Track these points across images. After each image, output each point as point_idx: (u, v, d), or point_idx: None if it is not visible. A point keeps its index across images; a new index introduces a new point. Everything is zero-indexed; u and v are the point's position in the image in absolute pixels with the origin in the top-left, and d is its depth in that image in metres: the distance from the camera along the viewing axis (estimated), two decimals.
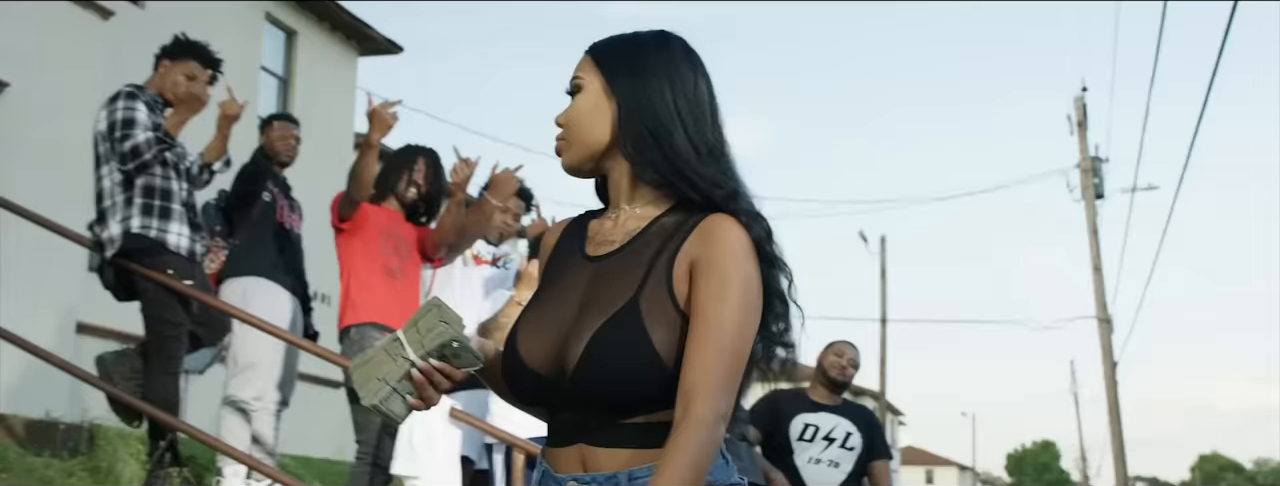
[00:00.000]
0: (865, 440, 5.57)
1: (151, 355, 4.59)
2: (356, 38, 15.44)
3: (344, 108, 15.39)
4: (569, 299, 1.68)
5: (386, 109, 4.71)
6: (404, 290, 4.88)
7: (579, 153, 1.73)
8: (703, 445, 1.53)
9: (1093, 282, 20.30)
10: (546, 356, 1.65)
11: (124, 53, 10.70)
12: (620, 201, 1.74)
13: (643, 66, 1.72)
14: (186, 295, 4.54)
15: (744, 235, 1.63)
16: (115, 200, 4.62)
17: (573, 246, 1.76)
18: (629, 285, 1.64)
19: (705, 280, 1.61)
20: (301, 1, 14.34)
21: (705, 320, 1.58)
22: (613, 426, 1.61)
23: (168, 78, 4.81)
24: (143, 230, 4.56)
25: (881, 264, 29.15)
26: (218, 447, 4.65)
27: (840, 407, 5.67)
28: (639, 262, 1.66)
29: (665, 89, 1.69)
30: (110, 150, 4.66)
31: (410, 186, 5.05)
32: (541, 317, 1.69)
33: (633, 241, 1.69)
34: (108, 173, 4.67)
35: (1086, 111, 21.11)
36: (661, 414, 1.59)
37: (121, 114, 4.63)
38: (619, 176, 1.73)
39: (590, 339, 1.60)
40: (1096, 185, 20.57)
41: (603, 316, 1.61)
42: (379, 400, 1.61)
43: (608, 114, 1.70)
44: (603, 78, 1.71)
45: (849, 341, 5.75)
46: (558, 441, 1.67)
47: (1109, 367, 19.98)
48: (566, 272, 1.73)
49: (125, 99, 4.68)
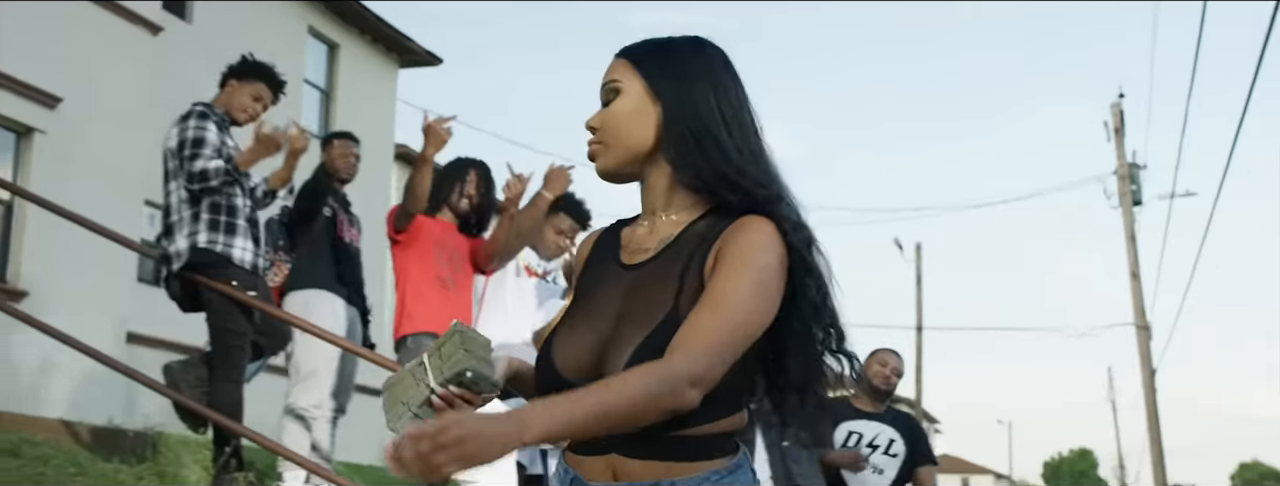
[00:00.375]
0: (909, 446, 5.66)
1: (216, 364, 4.75)
2: (397, 50, 15.67)
3: (384, 119, 15.60)
4: (605, 309, 1.66)
5: (441, 124, 4.85)
6: (457, 300, 5.01)
7: (619, 156, 1.70)
8: (653, 387, 1.46)
9: (1131, 289, 20.20)
10: (583, 366, 1.62)
11: (172, 66, 10.94)
12: (656, 207, 1.72)
13: (684, 70, 1.70)
14: (250, 306, 4.69)
15: (773, 232, 1.61)
16: (182, 215, 4.77)
17: (607, 255, 1.74)
18: (666, 295, 1.61)
19: (720, 265, 1.59)
20: (344, 15, 14.56)
21: (709, 293, 1.56)
22: (648, 438, 1.55)
23: (235, 97, 4.97)
24: (209, 245, 4.72)
25: (917, 271, 29.07)
26: (280, 452, 4.79)
27: (883, 415, 5.77)
28: (673, 271, 1.63)
29: (708, 93, 1.67)
30: (179, 167, 4.81)
31: (463, 198, 5.18)
32: (577, 328, 1.67)
33: (667, 248, 1.67)
34: (175, 188, 4.82)
35: (1124, 118, 21.05)
36: (700, 427, 1.57)
37: (192, 133, 4.78)
38: (657, 181, 1.71)
39: (634, 351, 1.57)
40: (1134, 191, 20.49)
41: (645, 328, 1.59)
42: (399, 425, 1.61)
43: (650, 118, 1.68)
44: (644, 81, 1.69)
45: (892, 349, 5.85)
46: (587, 450, 1.63)
47: (1147, 375, 19.87)
48: (602, 282, 1.71)
49: (196, 118, 4.83)
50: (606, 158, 1.70)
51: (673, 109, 1.67)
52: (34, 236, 9.09)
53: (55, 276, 8.99)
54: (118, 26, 10.11)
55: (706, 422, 1.57)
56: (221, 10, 12.68)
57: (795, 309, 1.62)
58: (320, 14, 14.34)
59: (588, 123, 1.72)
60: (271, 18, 13.46)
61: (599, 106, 1.74)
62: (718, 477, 1.58)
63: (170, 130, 4.93)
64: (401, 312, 4.94)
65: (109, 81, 9.92)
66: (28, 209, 8.94)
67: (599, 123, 1.71)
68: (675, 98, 1.68)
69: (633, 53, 1.73)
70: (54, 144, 9.35)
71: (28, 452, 4.27)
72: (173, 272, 4.80)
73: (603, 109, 1.71)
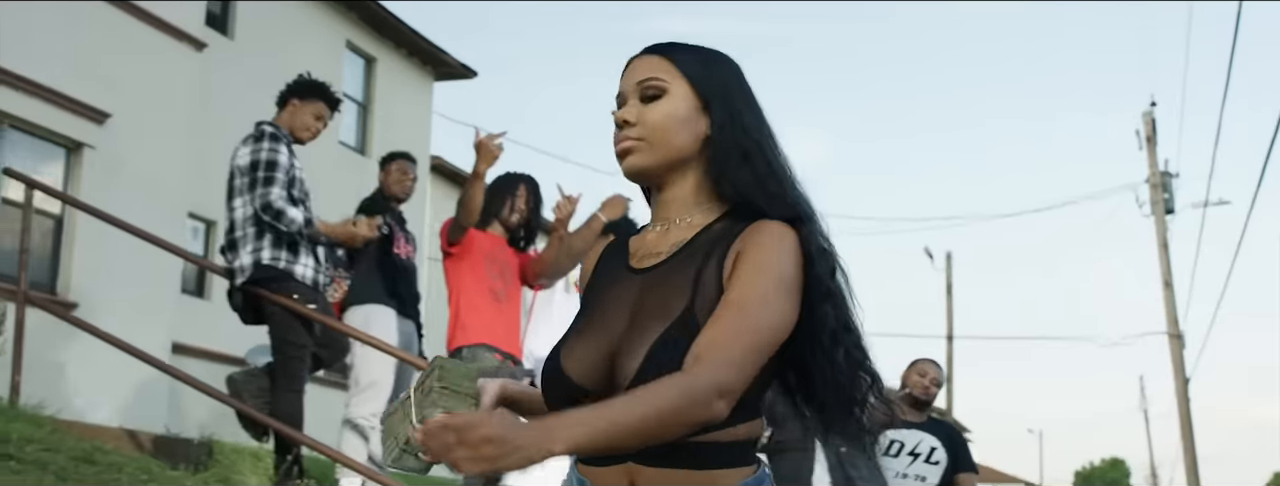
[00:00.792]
0: (949, 454, 5.74)
1: (277, 375, 4.90)
2: (432, 63, 15.86)
3: (420, 131, 15.79)
4: (616, 314, 1.63)
5: (492, 141, 4.99)
6: (508, 312, 5.14)
7: (660, 158, 1.67)
8: (680, 400, 1.41)
9: (1163, 298, 20.17)
10: (594, 370, 1.59)
11: (214, 81, 11.16)
12: (672, 214, 1.70)
13: (726, 83, 1.70)
14: (311, 319, 4.84)
15: (795, 241, 1.59)
16: (247, 232, 4.92)
17: (615, 264, 1.72)
18: (681, 293, 1.59)
19: (739, 268, 1.57)
20: (380, 29, 14.76)
21: (727, 299, 1.54)
22: (668, 446, 1.48)
23: (298, 116, 5.12)
24: (272, 262, 4.87)
25: (947, 280, 29.06)
26: (340, 460, 4.94)
27: (924, 424, 5.86)
28: (689, 271, 1.61)
29: (746, 109, 1.69)
30: (247, 185, 4.94)
31: (513, 212, 5.31)
32: (586, 334, 1.64)
33: (681, 251, 1.65)
34: (241, 205, 4.96)
35: (1156, 126, 21.04)
36: (719, 433, 1.52)
37: (266, 155, 4.93)
38: (680, 188, 1.69)
39: (649, 349, 1.54)
40: (1166, 200, 20.47)
41: (660, 326, 1.56)
42: (392, 460, 1.63)
43: (697, 127, 1.67)
44: (690, 87, 1.68)
45: (932, 360, 5.95)
46: (602, 460, 1.59)
47: (1181, 384, 19.83)
48: (611, 289, 1.68)
49: (270, 141, 4.98)
50: (647, 156, 1.67)
51: (721, 123, 1.67)
52: (83, 249, 9.29)
53: (104, 288, 9.18)
54: (164, 43, 10.33)
55: (726, 428, 1.52)
56: (262, 26, 12.90)
57: (814, 333, 1.60)
58: (358, 28, 14.54)
59: (624, 116, 1.68)
60: (310, 33, 13.68)
61: (612, 100, 1.72)
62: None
63: (240, 149, 5.06)
64: (455, 324, 5.06)
65: (155, 97, 10.14)
66: (78, 222, 9.15)
67: (638, 119, 1.67)
68: (723, 111, 1.68)
69: (674, 55, 1.70)
70: (102, 159, 9.56)
71: (101, 460, 4.42)
72: (236, 286, 4.94)
73: (643, 105, 1.68)
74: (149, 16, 10.12)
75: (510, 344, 5.05)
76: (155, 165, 10.01)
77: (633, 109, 1.68)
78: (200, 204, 11.24)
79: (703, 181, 1.69)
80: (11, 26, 8.84)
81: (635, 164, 1.67)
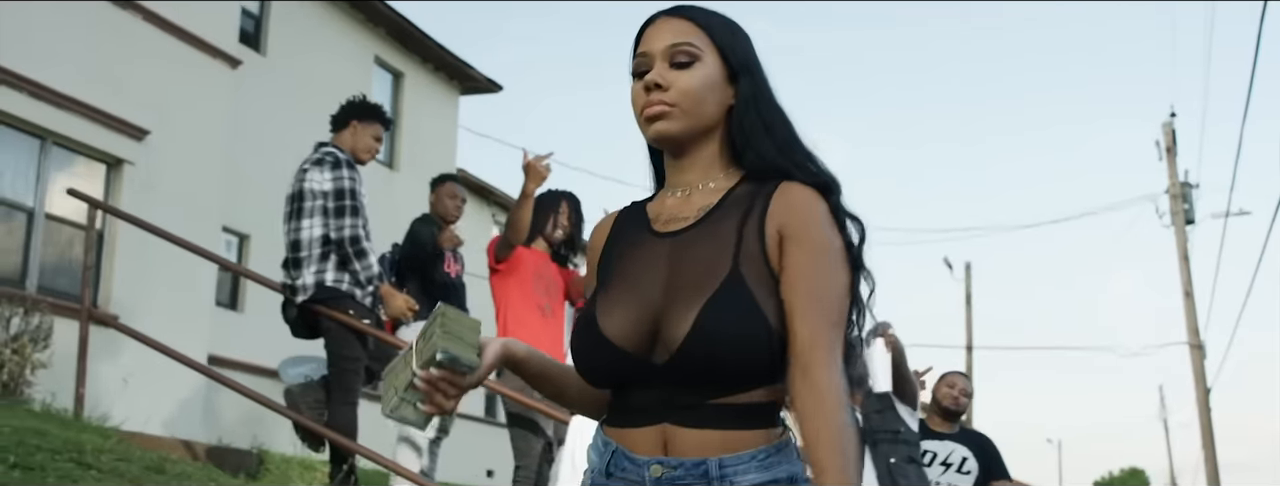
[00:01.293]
0: (982, 464, 5.89)
1: (333, 387, 5.08)
2: (458, 78, 16.06)
3: (446, 145, 15.99)
4: (648, 277, 1.64)
5: (540, 162, 5.14)
6: (554, 327, 5.29)
7: (690, 125, 1.68)
8: (850, 428, 1.53)
9: (1184, 308, 20.22)
10: (635, 333, 1.60)
11: (246, 96, 11.37)
12: (692, 179, 1.72)
13: (749, 54, 1.74)
14: (365, 334, 5.02)
15: (824, 203, 1.64)
16: (313, 252, 5.08)
17: (635, 229, 1.73)
18: (722, 256, 1.61)
19: (793, 249, 1.60)
20: (407, 44, 14.97)
21: (801, 289, 1.58)
22: (703, 406, 1.57)
23: (359, 138, 5.29)
24: (335, 284, 5.06)
25: (966, 290, 29.09)
26: (395, 469, 5.11)
27: (956, 434, 6.01)
28: (725, 233, 1.63)
29: (767, 80, 1.73)
30: (333, 212, 5.09)
31: (556, 228, 5.47)
32: (619, 298, 1.64)
33: (709, 214, 1.67)
34: (309, 226, 5.10)
35: (1175, 137, 21.11)
36: (755, 392, 1.58)
37: (348, 184, 5.11)
38: (703, 154, 1.71)
39: (701, 311, 1.56)
40: (1187, 211, 20.53)
41: (706, 289, 1.58)
42: (390, 409, 1.63)
43: (724, 95, 1.70)
44: (719, 56, 1.70)
45: (960, 372, 6.14)
46: (633, 421, 1.62)
47: (1202, 393, 19.85)
48: (636, 252, 1.69)
49: (347, 169, 5.15)
50: (678, 122, 1.68)
51: (749, 94, 1.70)
52: (123, 263, 9.49)
53: (143, 300, 9.37)
54: (201, 61, 10.55)
55: (753, 389, 1.58)
56: (293, 43, 13.12)
57: None
58: (386, 44, 14.76)
59: (655, 79, 1.68)
60: (340, 49, 13.90)
61: (632, 66, 1.73)
62: (764, 456, 1.59)
63: (315, 173, 5.18)
64: None
65: (192, 113, 10.35)
66: (118, 236, 9.35)
67: (670, 83, 1.68)
68: (750, 82, 1.71)
69: (704, 21, 1.72)
70: (142, 174, 9.77)
71: (170, 469, 4.59)
72: (294, 303, 5.11)
73: (675, 70, 1.69)
74: (187, 35, 10.34)
75: (556, 358, 5.19)
76: (192, 180, 10.22)
77: (664, 72, 1.69)
78: (233, 217, 11.45)
79: (723, 147, 1.72)
80: (56, 46, 9.06)
81: (665, 130, 1.68)
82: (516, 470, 5.16)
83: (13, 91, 8.71)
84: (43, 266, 9.17)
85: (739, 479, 1.56)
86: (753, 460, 1.57)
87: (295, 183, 5.23)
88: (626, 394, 1.64)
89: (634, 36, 1.75)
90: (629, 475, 1.61)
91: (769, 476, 1.58)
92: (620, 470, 1.62)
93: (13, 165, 9.07)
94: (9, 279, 8.76)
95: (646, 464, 1.59)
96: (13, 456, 3.75)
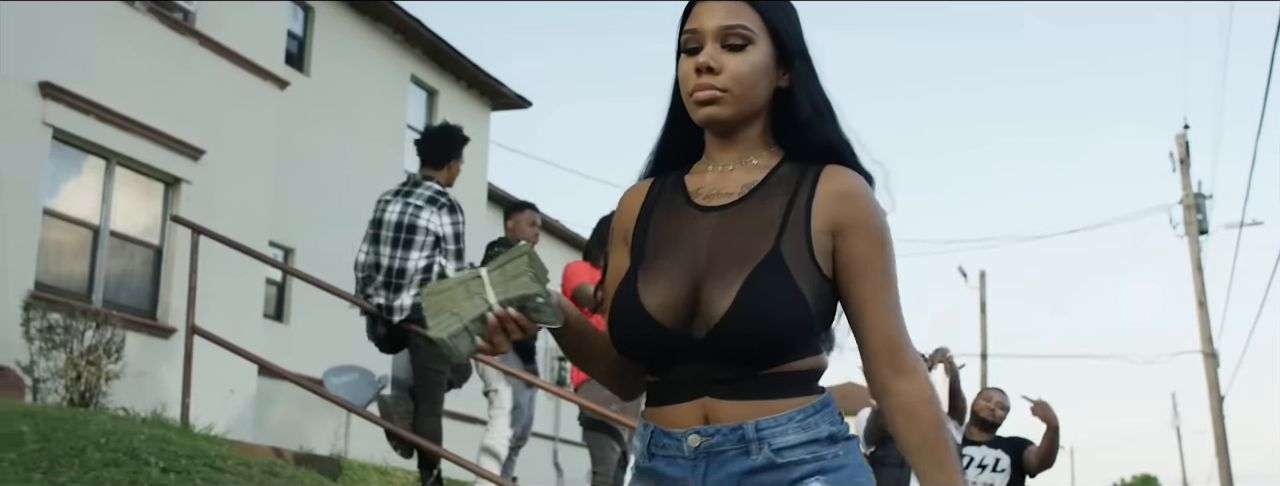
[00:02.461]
0: (1013, 459, 6.37)
1: (420, 398, 5.47)
2: (490, 94, 16.48)
3: (478, 160, 16.39)
4: (690, 250, 1.63)
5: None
6: None
7: (741, 110, 1.67)
8: (944, 419, 1.62)
9: (1197, 317, 20.47)
10: (675, 306, 1.59)
11: (290, 114, 11.79)
12: (736, 155, 1.70)
13: (801, 40, 1.72)
14: None
15: (871, 191, 1.67)
16: (414, 280, 5.42)
17: (672, 201, 1.71)
18: (766, 235, 1.61)
19: (856, 243, 1.63)
20: (442, 63, 15.41)
21: (878, 279, 1.63)
22: (744, 378, 1.57)
23: (454, 174, 5.67)
24: None
25: (981, 298, 29.33)
26: (479, 472, 5.49)
27: (991, 441, 6.49)
28: (771, 212, 1.63)
29: (816, 68, 1.72)
30: (431, 244, 5.42)
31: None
32: (662, 271, 1.63)
33: (755, 191, 1.66)
34: (416, 258, 5.40)
35: (1189, 148, 21.39)
36: (795, 363, 1.60)
37: (464, 228, 5.49)
38: (749, 133, 1.70)
39: (743, 284, 1.56)
40: (1200, 221, 20.79)
41: (746, 266, 1.58)
42: (448, 334, 1.52)
43: (773, 81, 1.69)
44: (772, 41, 1.68)
45: (997, 387, 6.66)
46: (674, 397, 1.62)
47: (1216, 401, 20.10)
48: (674, 224, 1.68)
49: (461, 213, 5.52)
50: (730, 107, 1.66)
51: (802, 80, 1.70)
52: (180, 277, 9.89)
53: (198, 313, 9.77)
54: (252, 83, 10.99)
55: (794, 360, 1.60)
56: (334, 62, 13.55)
57: None
58: (421, 63, 15.19)
59: (707, 62, 1.65)
60: (379, 68, 14.35)
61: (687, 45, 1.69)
62: (803, 416, 1.60)
63: (432, 214, 5.46)
64: None
65: (243, 133, 10.78)
66: (176, 251, 9.75)
67: (722, 67, 1.65)
68: (804, 68, 1.70)
69: (758, 2, 1.69)
70: (198, 193, 10.18)
71: (281, 472, 4.97)
72: (390, 322, 5.47)
73: (727, 52, 1.66)
74: (239, 58, 10.77)
75: None
76: (244, 197, 10.64)
77: (716, 54, 1.66)
78: (280, 232, 11.85)
79: (767, 127, 1.72)
80: (119, 72, 9.49)
81: (716, 114, 1.66)
82: (594, 474, 5.51)
83: (81, 115, 9.13)
84: (108, 281, 9.58)
85: (777, 440, 1.58)
86: (790, 421, 1.59)
87: (398, 213, 5.47)
88: (665, 370, 1.63)
89: (683, 9, 1.72)
90: (668, 450, 1.62)
91: (809, 436, 1.59)
92: (660, 448, 1.63)
93: (80, 185, 9.49)
94: (77, 293, 9.16)
95: (684, 436, 1.60)
96: (159, 460, 4.14)
